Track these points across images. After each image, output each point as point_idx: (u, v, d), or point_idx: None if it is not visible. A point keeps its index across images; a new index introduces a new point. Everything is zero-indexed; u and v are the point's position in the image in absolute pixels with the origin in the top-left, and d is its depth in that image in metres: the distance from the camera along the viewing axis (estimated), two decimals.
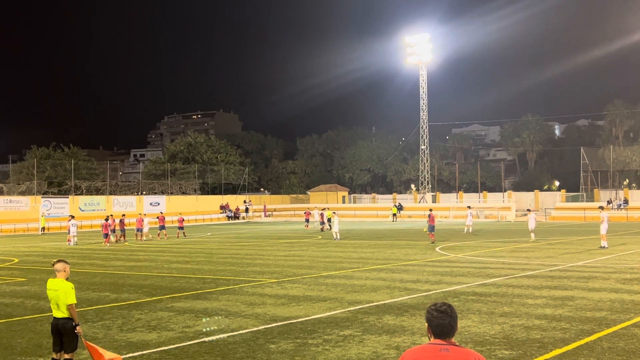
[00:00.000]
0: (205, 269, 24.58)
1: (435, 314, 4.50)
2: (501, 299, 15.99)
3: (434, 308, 4.54)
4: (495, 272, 21.61)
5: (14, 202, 62.22)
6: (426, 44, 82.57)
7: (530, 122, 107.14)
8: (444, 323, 4.48)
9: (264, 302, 16.39)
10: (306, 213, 59.86)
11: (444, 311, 4.50)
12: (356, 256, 28.77)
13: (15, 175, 78.06)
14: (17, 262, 30.01)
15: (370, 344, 11.44)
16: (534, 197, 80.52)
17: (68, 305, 9.26)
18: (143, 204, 73.29)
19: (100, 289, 19.64)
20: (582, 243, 34.53)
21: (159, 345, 11.75)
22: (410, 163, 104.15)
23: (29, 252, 36.44)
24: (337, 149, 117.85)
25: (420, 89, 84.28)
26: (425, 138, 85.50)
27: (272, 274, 22.41)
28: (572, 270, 22.18)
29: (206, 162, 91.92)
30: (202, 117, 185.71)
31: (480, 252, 29.65)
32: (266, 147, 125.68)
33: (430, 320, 4.52)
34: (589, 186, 77.26)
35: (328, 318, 14.01)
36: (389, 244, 36.18)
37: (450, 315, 4.49)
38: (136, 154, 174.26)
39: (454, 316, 4.51)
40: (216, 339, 12.08)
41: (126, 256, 31.70)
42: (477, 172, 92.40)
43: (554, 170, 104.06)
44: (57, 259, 9.70)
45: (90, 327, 13.46)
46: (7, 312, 15.79)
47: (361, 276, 21.34)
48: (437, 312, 4.50)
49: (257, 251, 32.87)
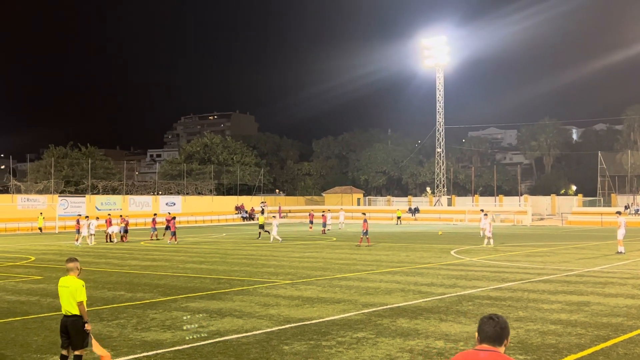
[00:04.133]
0: (220, 270, 24.65)
1: (484, 320, 4.68)
2: (516, 304, 15.90)
3: (486, 316, 4.74)
4: (511, 277, 21.50)
5: (32, 201, 62.77)
6: (443, 47, 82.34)
7: (547, 126, 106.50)
8: (488, 329, 4.62)
9: (277, 303, 16.41)
10: (310, 215, 61.57)
11: (491, 317, 4.68)
12: (370, 258, 28.73)
13: (33, 174, 78.69)
14: (33, 260, 30.26)
15: (384, 347, 11.42)
16: (551, 202, 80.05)
17: (78, 302, 9.37)
18: (159, 204, 73.68)
19: (115, 288, 19.76)
20: (598, 248, 34.26)
21: (173, 344, 11.79)
22: (426, 166, 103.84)
23: (45, 250, 36.73)
24: (352, 151, 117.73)
25: (437, 91, 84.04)
26: (441, 141, 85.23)
27: (286, 275, 22.44)
28: (588, 275, 22.01)
29: (222, 163, 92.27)
30: (219, 118, 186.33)
31: (495, 256, 29.50)
32: (282, 149, 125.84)
33: (479, 326, 4.69)
34: (606, 191, 76.65)
35: (342, 320, 14.00)
36: (403, 246, 36.09)
37: (496, 322, 4.63)
38: (153, 154, 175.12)
39: (501, 324, 4.63)
40: (230, 339, 12.11)
41: (142, 255, 31.86)
42: (494, 176, 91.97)
43: (571, 174, 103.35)
44: (69, 257, 9.81)
45: (105, 326, 13.55)
46: (24, 309, 15.93)
47: (375, 279, 21.31)
48: (486, 318, 4.69)
49: (272, 252, 32.91)
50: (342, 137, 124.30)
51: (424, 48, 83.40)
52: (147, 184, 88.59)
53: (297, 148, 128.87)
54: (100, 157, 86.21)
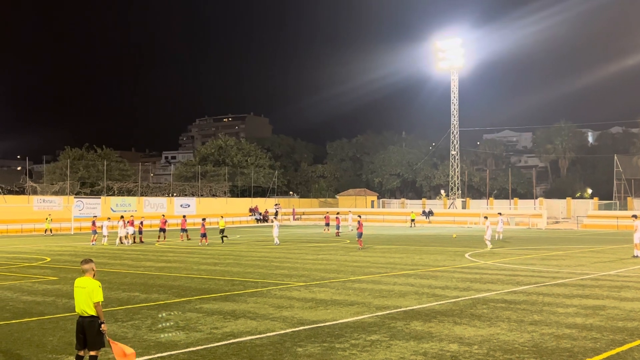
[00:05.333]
0: (234, 271, 24.71)
1: None
2: (531, 307, 15.82)
3: None
4: (525, 280, 21.38)
5: (48, 202, 63.23)
6: (458, 49, 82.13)
7: (562, 129, 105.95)
8: None
9: (291, 305, 16.42)
10: (326, 217, 61.87)
11: None
12: (384, 261, 28.69)
13: (49, 175, 79.27)
14: (49, 261, 30.48)
15: (398, 350, 11.39)
16: (566, 205, 79.54)
17: (95, 303, 9.43)
18: (174, 205, 74.02)
19: (130, 289, 19.86)
20: (614, 252, 34.00)
21: (187, 346, 11.84)
22: (440, 168, 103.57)
23: (61, 251, 36.99)
24: (366, 154, 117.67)
25: (451, 94, 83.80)
26: (455, 143, 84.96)
27: (300, 277, 22.45)
28: (604, 279, 21.86)
29: (236, 165, 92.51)
30: (233, 121, 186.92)
31: (510, 260, 29.36)
32: (296, 151, 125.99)
33: None
34: (622, 194, 76.05)
35: (355, 322, 13.99)
36: (417, 249, 36.01)
37: None
38: (167, 156, 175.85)
39: None
40: (244, 341, 12.14)
41: (156, 257, 32.00)
42: (508, 179, 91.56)
43: (586, 177, 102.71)
44: (84, 259, 9.88)
45: (120, 327, 13.62)
46: (39, 310, 16.05)
47: (389, 281, 21.27)
48: None
49: (285, 254, 32.94)
50: (356, 139, 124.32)
51: (439, 50, 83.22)
52: (161, 186, 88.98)
53: (311, 150, 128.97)
54: (115, 159, 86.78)
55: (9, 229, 58.83)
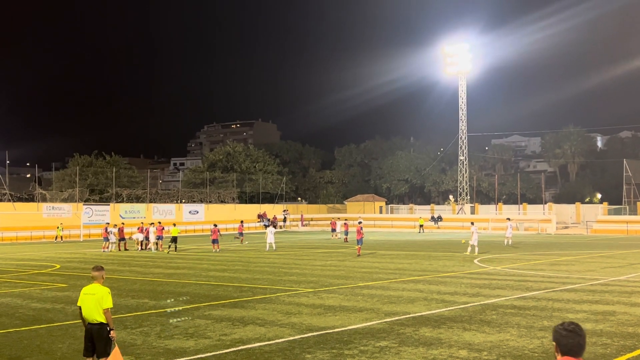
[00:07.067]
0: (243, 278, 24.71)
1: (564, 333, 4.59)
2: (541, 313, 15.75)
3: (562, 327, 4.63)
4: (535, 286, 21.29)
5: (57, 209, 63.44)
6: (466, 54, 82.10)
7: (571, 134, 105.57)
8: (572, 342, 4.56)
9: (300, 311, 16.41)
10: (332, 223, 61.77)
11: (572, 330, 4.59)
12: (393, 267, 28.63)
13: (58, 182, 79.56)
14: (58, 268, 30.57)
15: (407, 356, 11.36)
16: (575, 210, 79.21)
17: (104, 309, 9.46)
18: (182, 212, 74.14)
19: (139, 295, 19.89)
20: (624, 257, 33.82)
21: (196, 352, 11.84)
22: (448, 174, 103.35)
23: (70, 258, 37.10)
24: (374, 159, 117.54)
25: (460, 99, 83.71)
26: (464, 149, 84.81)
27: (309, 284, 22.43)
28: (614, 284, 21.74)
29: (244, 171, 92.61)
30: (241, 127, 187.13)
31: (519, 265, 29.25)
32: (304, 157, 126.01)
33: (558, 339, 4.62)
34: (632, 199, 75.70)
35: (364, 329, 13.96)
36: (426, 255, 35.93)
37: (579, 334, 4.57)
38: (176, 163, 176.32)
39: (582, 335, 4.59)
40: (252, 348, 12.13)
41: (165, 263, 32.05)
42: (517, 184, 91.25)
43: (595, 182, 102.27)
44: (95, 266, 9.95)
45: (129, 334, 13.65)
46: (49, 317, 16.10)
47: (398, 287, 21.23)
48: (566, 331, 4.59)
49: (294, 260, 32.93)
50: (364, 145, 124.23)
51: (447, 55, 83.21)
52: (170, 192, 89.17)
53: (319, 156, 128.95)
54: (124, 166, 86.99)
55: (19, 236, 59.06)
